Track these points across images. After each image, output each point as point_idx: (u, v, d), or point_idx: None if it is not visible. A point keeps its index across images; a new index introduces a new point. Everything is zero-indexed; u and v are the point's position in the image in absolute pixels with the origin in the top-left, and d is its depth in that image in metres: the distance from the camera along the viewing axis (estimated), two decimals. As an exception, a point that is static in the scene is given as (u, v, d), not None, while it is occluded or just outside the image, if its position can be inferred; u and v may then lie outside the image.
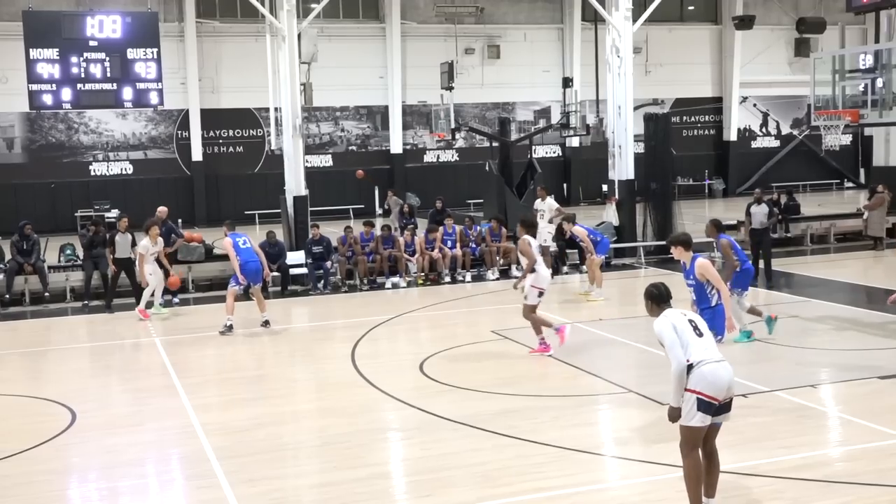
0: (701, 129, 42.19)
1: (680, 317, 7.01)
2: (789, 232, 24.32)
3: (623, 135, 23.35)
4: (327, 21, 34.35)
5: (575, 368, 12.30)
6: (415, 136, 38.99)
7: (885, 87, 14.09)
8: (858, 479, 8.06)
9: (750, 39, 39.51)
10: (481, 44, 38.75)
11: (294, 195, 21.53)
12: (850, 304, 16.31)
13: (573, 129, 31.50)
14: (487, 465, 8.69)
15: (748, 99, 42.21)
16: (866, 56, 14.78)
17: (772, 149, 42.79)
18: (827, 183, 41.89)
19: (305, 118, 29.16)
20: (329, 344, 14.83)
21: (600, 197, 29.60)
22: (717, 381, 6.77)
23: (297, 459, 9.38)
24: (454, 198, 32.88)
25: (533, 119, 39.48)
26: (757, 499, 7.69)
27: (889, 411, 10.07)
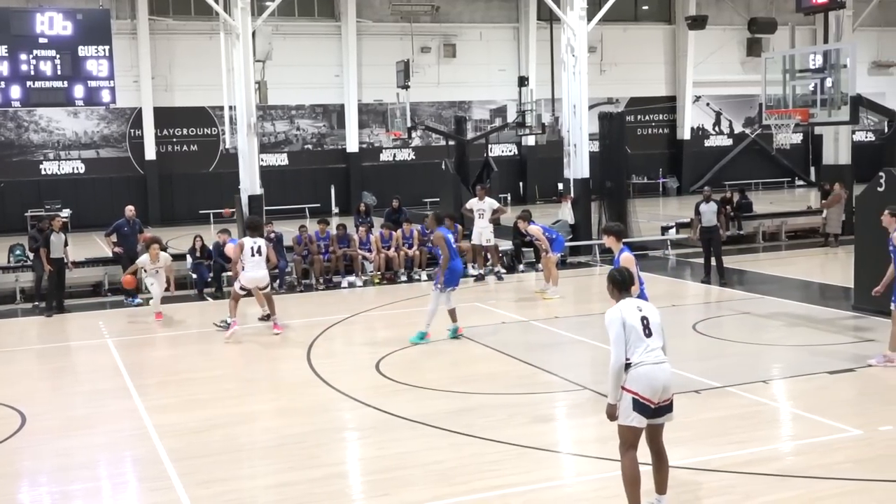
0: (655, 127, 42.56)
1: (634, 312, 6.97)
2: (742, 230, 24.61)
3: (578, 133, 23.47)
4: (282, 19, 34.13)
5: (531, 366, 12.35)
6: (371, 134, 38.89)
7: (833, 87, 14.25)
8: (808, 472, 8.19)
9: (703, 39, 39.90)
10: (437, 42, 38.75)
11: (249, 194, 21.37)
12: (801, 301, 16.54)
13: (529, 127, 31.62)
14: (444, 464, 8.70)
15: (701, 98, 42.64)
16: (816, 56, 14.93)
17: (724, 147, 43.28)
18: (778, 181, 42.47)
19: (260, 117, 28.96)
20: (285, 344, 14.72)
21: (556, 195, 29.75)
22: (653, 382, 6.78)
23: (252, 460, 9.33)
24: (411, 197, 32.84)
25: (489, 118, 39.55)
26: (709, 494, 7.78)
27: (838, 406, 10.25)
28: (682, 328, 14.13)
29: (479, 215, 20.05)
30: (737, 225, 24.53)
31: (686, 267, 21.17)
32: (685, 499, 7.66)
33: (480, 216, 20.02)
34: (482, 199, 20.29)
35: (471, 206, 20.58)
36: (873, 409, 10.09)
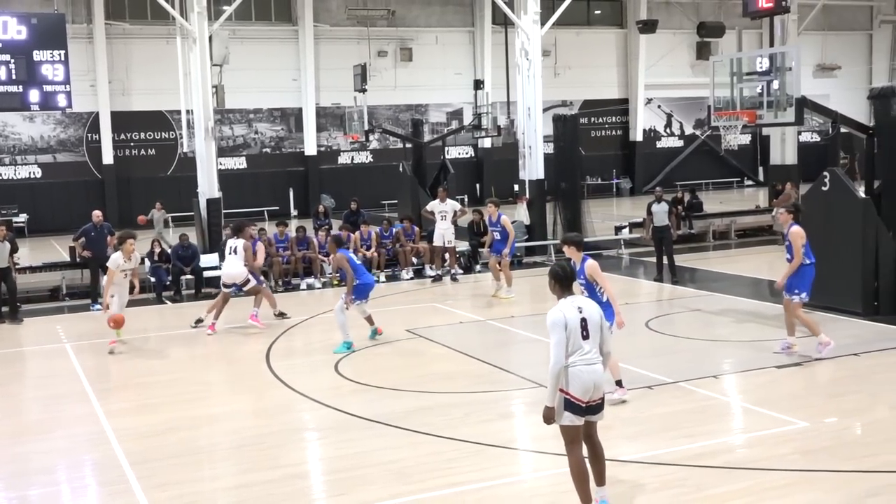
0: (608, 129, 42.89)
1: (575, 313, 6.93)
2: (693, 228, 24.86)
3: (533, 136, 23.57)
4: (239, 23, 33.92)
5: (488, 365, 12.38)
6: (329, 137, 38.77)
7: (779, 89, 14.42)
8: (757, 464, 8.29)
9: (654, 43, 40.29)
10: (394, 46, 38.73)
11: (207, 198, 21.19)
12: (750, 298, 16.75)
13: (485, 130, 31.70)
14: (402, 463, 8.69)
15: (653, 100, 43.05)
16: (762, 59, 15.11)
17: (676, 148, 43.73)
18: (728, 181, 42.99)
19: (218, 120, 28.79)
20: (244, 346, 14.63)
21: (512, 196, 29.80)
22: (585, 383, 6.81)
23: (211, 462, 9.25)
24: (369, 199, 32.76)
25: (445, 120, 39.60)
26: (661, 487, 7.85)
27: (786, 399, 10.40)
28: (635, 326, 14.18)
29: (440, 217, 19.98)
30: (688, 224, 24.78)
31: (639, 265, 21.36)
32: (638, 492, 7.72)
33: (443, 218, 19.95)
34: (443, 201, 20.24)
35: (431, 209, 20.51)
36: (819, 402, 10.27)
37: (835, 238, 14.48)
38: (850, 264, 14.43)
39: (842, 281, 14.40)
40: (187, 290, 19.39)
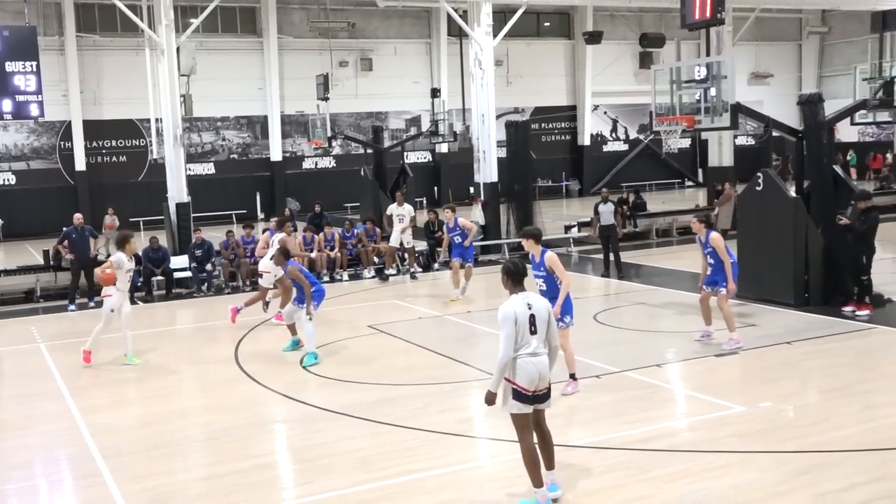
0: (558, 134, 43.08)
1: (524, 309, 6.96)
2: (637, 227, 25.08)
3: (487, 141, 23.64)
4: (206, 35, 33.58)
5: (447, 358, 12.39)
6: (293, 144, 38.54)
7: (716, 96, 14.52)
8: (698, 447, 8.39)
9: (599, 53, 40.52)
10: (354, 57, 38.59)
11: (176, 202, 21.00)
12: (691, 291, 16.81)
13: (441, 136, 31.67)
14: (364, 452, 8.68)
15: (599, 107, 43.30)
16: (700, 68, 15.18)
17: (621, 152, 44.03)
18: (670, 182, 43.36)
19: (186, 128, 28.50)
20: (213, 343, 14.51)
21: (468, 198, 29.87)
22: (531, 374, 6.86)
23: (183, 455, 9.16)
24: (332, 202, 32.66)
25: (404, 127, 39.54)
26: (608, 469, 7.91)
27: (724, 385, 10.53)
28: (583, 319, 14.26)
29: (398, 220, 19.95)
30: (632, 223, 25.00)
31: (587, 262, 21.49)
32: (587, 475, 7.78)
33: (400, 220, 19.92)
34: (401, 205, 20.22)
35: (391, 212, 20.46)
36: (754, 388, 10.40)
37: (768, 234, 14.69)
38: (783, 259, 14.64)
39: (775, 274, 14.62)
40: (158, 291, 19.18)
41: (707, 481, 7.53)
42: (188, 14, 29.10)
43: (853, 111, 16.83)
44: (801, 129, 15.49)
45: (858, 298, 13.95)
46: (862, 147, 43.02)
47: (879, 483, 7.32)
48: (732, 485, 7.43)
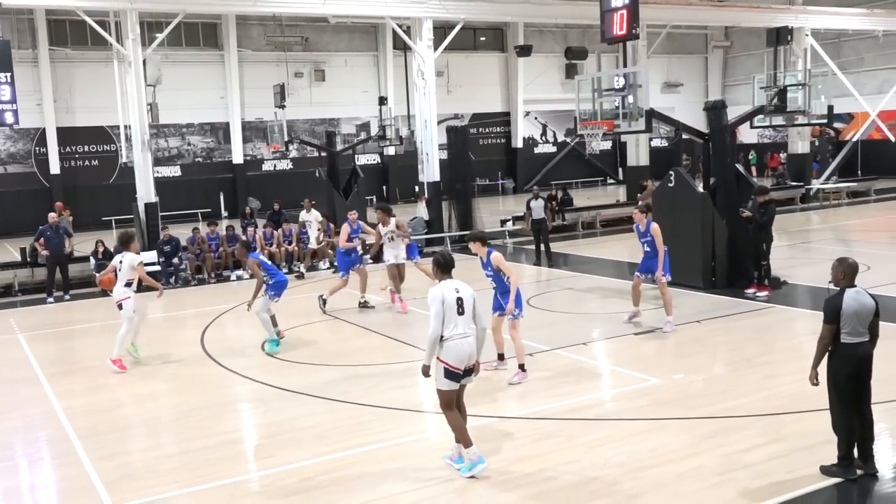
0: (494, 138, 43.17)
1: (451, 292, 7.00)
2: (565, 220, 25.24)
3: (430, 144, 23.61)
4: (171, 48, 32.90)
5: (395, 340, 12.37)
6: (254, 148, 38.00)
7: (632, 103, 14.66)
8: (620, 415, 8.50)
9: (530, 64, 40.68)
10: (308, 68, 38.18)
11: (145, 202, 20.62)
12: (613, 277, 17.12)
13: (389, 140, 31.47)
14: (322, 427, 8.62)
15: (530, 113, 43.47)
16: (618, 78, 15.33)
17: (550, 153, 44.28)
18: (593, 180, 43.71)
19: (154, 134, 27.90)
20: (181, 331, 14.28)
21: (413, 196, 29.79)
22: (460, 354, 6.91)
23: (154, 434, 9.00)
24: (289, 201, 32.13)
25: (355, 132, 39.25)
26: (540, 438, 7.97)
27: (643, 360, 10.67)
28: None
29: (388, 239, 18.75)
30: (561, 217, 25.17)
31: (521, 252, 21.58)
32: (520, 443, 7.83)
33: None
34: (309, 211, 19.55)
35: (302, 219, 19.79)
36: (669, 362, 10.57)
37: (680, 226, 14.91)
38: (692, 247, 14.87)
39: (686, 261, 14.83)
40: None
41: (628, 446, 7.63)
42: (154, 29, 28.35)
43: (752, 116, 17.12)
44: (707, 132, 15.71)
45: (759, 281, 14.24)
46: (761, 148, 43.93)
47: (777, 443, 7.49)
48: (650, 448, 7.54)
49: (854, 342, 6.64)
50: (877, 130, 35.12)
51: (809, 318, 11.93)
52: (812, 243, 20.87)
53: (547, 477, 7.02)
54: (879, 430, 7.24)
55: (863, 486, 6.62)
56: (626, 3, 14.99)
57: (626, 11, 14.98)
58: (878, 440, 7.00)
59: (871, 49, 39.17)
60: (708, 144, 15.59)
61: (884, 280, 14.16)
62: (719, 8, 32.40)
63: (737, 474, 6.87)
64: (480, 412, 8.73)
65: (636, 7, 14.92)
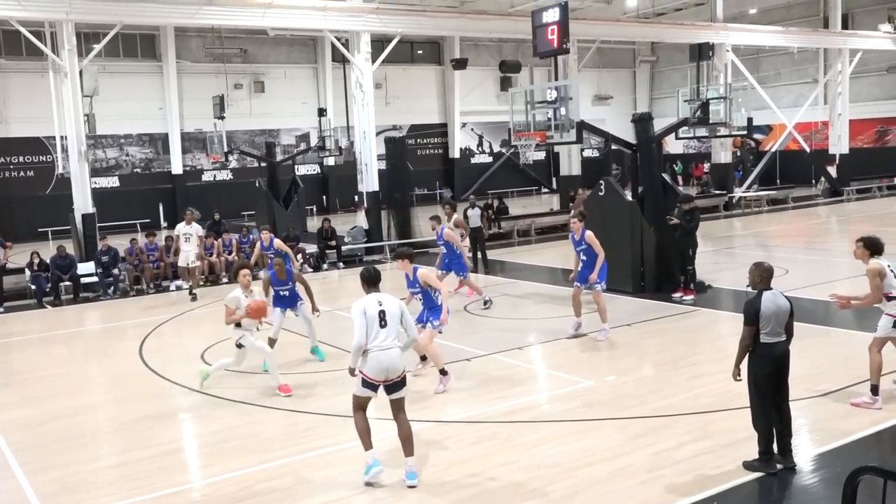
0: (431, 149, 43.26)
1: (374, 305, 7.00)
2: (501, 228, 25.40)
3: (368, 154, 23.52)
4: (108, 59, 32.12)
5: (336, 348, 12.21)
6: (193, 158, 37.35)
7: (564, 115, 14.84)
8: (554, 417, 8.58)
9: (466, 77, 40.90)
10: (248, 80, 37.74)
11: (82, 213, 20.05)
12: (547, 283, 17.26)
13: (328, 150, 31.31)
14: (263, 435, 8.51)
15: (467, 124, 43.69)
16: (550, 91, 15.45)
17: (486, 163, 44.53)
18: (528, 189, 44.12)
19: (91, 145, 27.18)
20: (120, 342, 13.91)
21: (353, 205, 29.64)
22: (379, 365, 6.89)
23: (92, 445, 8.75)
24: (230, 211, 31.76)
25: (295, 143, 38.91)
26: (477, 441, 7.98)
27: (575, 364, 10.78)
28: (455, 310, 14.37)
29: (185, 239, 17.48)
30: (497, 225, 25.33)
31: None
32: (458, 447, 7.83)
33: (186, 240, 17.47)
34: (189, 224, 17.75)
35: (178, 232, 17.74)
36: (601, 364, 10.71)
37: (610, 233, 15.09)
38: (622, 253, 15.07)
39: (616, 266, 14.98)
40: (66, 296, 18.28)
41: (563, 446, 7.70)
42: (91, 40, 27.69)
43: (677, 128, 17.51)
44: (635, 143, 16.00)
45: (685, 285, 14.54)
46: (686, 158, 44.96)
47: (704, 440, 7.65)
48: (584, 448, 7.63)
49: (772, 342, 6.84)
50: (793, 142, 36.27)
51: (732, 320, 12.20)
52: (735, 248, 21.42)
53: (484, 479, 7.04)
54: (797, 426, 7.46)
55: (782, 479, 6.81)
56: (557, 18, 15.20)
57: (557, 27, 15.19)
58: (795, 435, 7.21)
59: (787, 65, 40.51)
60: (636, 155, 15.87)
61: (800, 283, 14.61)
62: (646, 24, 33.09)
63: (666, 471, 7.00)
64: (418, 417, 8.72)
65: (566, 23, 15.14)
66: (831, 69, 36.05)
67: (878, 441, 7.61)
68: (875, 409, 8.21)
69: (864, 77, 37.86)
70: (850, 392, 8.75)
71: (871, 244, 8.42)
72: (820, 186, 35.61)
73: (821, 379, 9.25)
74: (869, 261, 8.37)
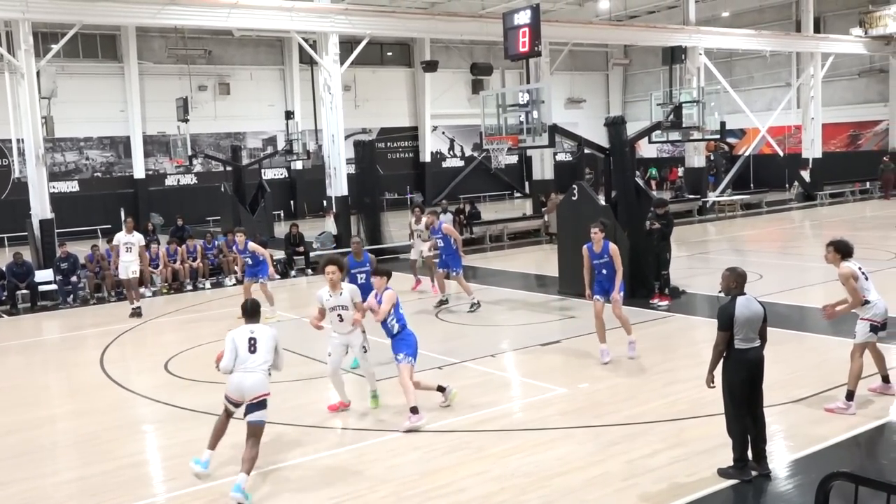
0: (402, 152, 43.27)
1: (245, 333, 7.60)
2: (473, 233, 25.44)
3: (337, 158, 23.47)
4: (67, 60, 31.77)
5: (304, 357, 12.13)
6: (156, 162, 36.99)
7: (536, 118, 14.93)
8: (528, 425, 8.61)
9: (437, 80, 40.99)
10: (213, 81, 37.50)
11: (40, 219, 19.76)
12: (520, 289, 17.34)
13: (296, 154, 31.23)
14: (228, 447, 8.39)
15: (438, 128, 43.77)
16: (522, 94, 15.51)
17: (458, 167, 44.66)
18: (501, 193, 44.29)
19: (49, 148, 26.84)
20: (79, 352, 13.72)
21: (321, 211, 29.54)
22: (238, 387, 7.49)
23: (50, 459, 8.60)
24: (194, 216, 31.56)
25: (261, 146, 38.71)
26: (449, 450, 7.97)
27: (548, 371, 10.81)
28: (426, 317, 14.41)
29: (126, 249, 16.55)
30: (469, 230, 25.37)
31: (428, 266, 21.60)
32: (430, 456, 7.83)
33: (128, 250, 16.55)
34: (130, 233, 16.85)
35: (118, 241, 16.88)
36: (574, 372, 10.73)
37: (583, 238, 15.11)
38: (596, 259, 15.16)
39: (590, 272, 15.15)
40: (23, 304, 18.01)
41: (536, 455, 7.72)
42: (49, 40, 27.31)
43: (650, 132, 17.68)
44: (608, 147, 16.12)
45: (660, 291, 14.67)
46: (660, 162, 45.43)
47: (678, 448, 7.72)
48: (557, 456, 7.66)
49: (746, 347, 6.93)
50: (767, 146, 36.80)
51: (707, 326, 12.32)
52: (709, 254, 21.66)
53: (456, 489, 7.04)
54: (771, 432, 7.55)
55: (757, 486, 6.89)
56: (528, 21, 15.30)
57: (528, 29, 15.28)
58: (770, 441, 7.30)
59: (760, 68, 41.10)
60: (609, 159, 15.99)
61: (774, 288, 14.81)
62: (618, 27, 33.40)
63: (640, 479, 7.05)
64: (389, 426, 8.71)
65: (538, 25, 15.24)
66: (804, 73, 36.65)
67: (853, 446, 7.73)
68: (849, 415, 8.34)
69: (836, 81, 38.53)
70: (824, 397, 8.87)
71: (841, 247, 8.58)
72: (794, 191, 36.16)
73: (795, 384, 9.38)
74: (840, 264, 8.53)
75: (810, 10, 35.43)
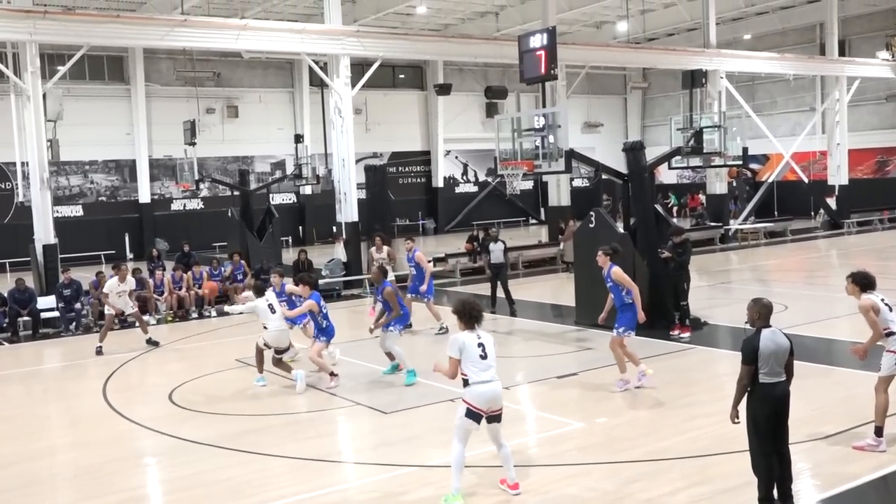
0: (414, 177, 43.46)
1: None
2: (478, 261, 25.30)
3: (347, 183, 23.59)
4: (74, 82, 32.17)
5: (310, 387, 12.16)
6: (162, 186, 37.32)
7: (552, 143, 14.94)
8: (544, 461, 8.55)
9: (450, 103, 41.26)
10: (221, 104, 37.88)
11: (43, 244, 19.91)
12: (535, 319, 17.29)
13: (305, 178, 31.41)
14: (233, 480, 8.40)
15: (451, 152, 43.99)
16: (538, 118, 15.52)
17: (471, 193, 44.81)
18: (515, 220, 44.40)
19: (54, 171, 27.15)
20: (81, 381, 13.76)
21: (331, 237, 29.65)
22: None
23: (51, 492, 8.60)
24: (200, 242, 31.70)
25: (270, 170, 39.00)
26: (463, 486, 7.90)
27: (564, 404, 10.76)
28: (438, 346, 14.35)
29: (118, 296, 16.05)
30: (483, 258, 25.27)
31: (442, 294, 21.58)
32: (442, 492, 7.76)
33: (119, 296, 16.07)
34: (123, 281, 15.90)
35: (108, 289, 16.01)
36: (591, 405, 10.67)
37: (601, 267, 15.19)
38: (614, 288, 15.12)
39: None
40: (25, 332, 18.10)
41: (552, 492, 7.66)
42: (55, 61, 27.77)
43: (670, 157, 17.67)
44: (626, 173, 16.13)
45: (680, 321, 14.60)
46: (680, 188, 45.42)
47: (700, 486, 7.65)
48: (574, 494, 7.60)
49: (772, 382, 6.88)
50: (791, 172, 36.75)
51: (729, 358, 12.25)
52: (731, 283, 21.56)
53: (469, 527, 6.99)
54: (798, 470, 7.47)
55: (783, 526, 6.80)
56: (544, 43, 15.40)
57: (544, 52, 15.39)
58: (796, 480, 7.22)
59: (784, 92, 41.16)
60: (627, 185, 16.00)
61: (799, 320, 14.71)
62: (636, 50, 33.57)
63: (660, 518, 6.98)
64: (400, 461, 8.68)
65: (554, 48, 15.34)
66: (829, 97, 36.67)
67: (882, 486, 7.64)
68: (879, 452, 8.24)
69: (862, 105, 38.53)
70: (852, 434, 8.78)
71: (859, 279, 8.57)
72: (819, 219, 36.03)
73: (822, 421, 9.30)
74: (860, 296, 8.50)
75: (835, 33, 35.49)
